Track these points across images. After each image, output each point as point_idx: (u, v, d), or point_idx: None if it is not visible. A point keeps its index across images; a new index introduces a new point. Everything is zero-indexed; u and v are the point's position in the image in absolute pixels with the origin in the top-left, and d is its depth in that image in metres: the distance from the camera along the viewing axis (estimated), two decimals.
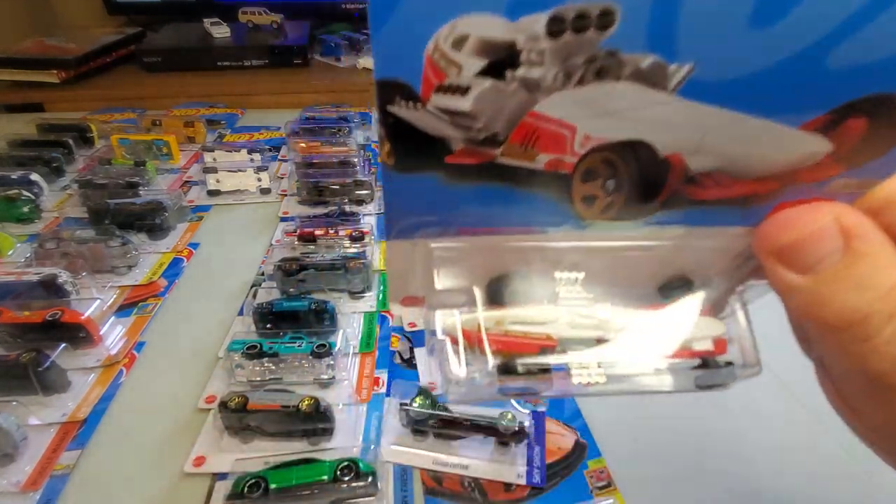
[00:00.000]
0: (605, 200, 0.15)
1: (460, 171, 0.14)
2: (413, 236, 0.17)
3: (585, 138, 0.14)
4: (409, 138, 0.13)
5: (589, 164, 0.14)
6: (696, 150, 0.14)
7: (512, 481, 0.35)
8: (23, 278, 0.47)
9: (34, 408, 0.38)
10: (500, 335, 0.17)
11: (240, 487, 0.32)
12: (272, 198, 0.68)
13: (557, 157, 0.14)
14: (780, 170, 0.14)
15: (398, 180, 0.14)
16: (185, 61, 1.03)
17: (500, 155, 0.14)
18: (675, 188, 0.15)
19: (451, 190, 0.15)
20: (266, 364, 0.40)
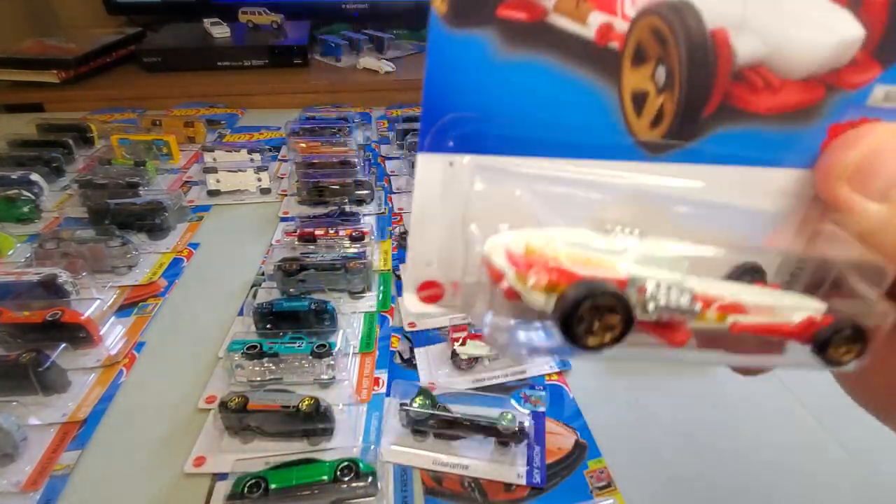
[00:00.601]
0: (655, 102, 0.14)
1: (513, 33, 0.14)
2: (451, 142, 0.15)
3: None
4: None
5: (639, 36, 0.14)
6: (741, 26, 0.14)
7: (512, 481, 0.35)
8: (23, 278, 0.47)
9: (34, 408, 0.38)
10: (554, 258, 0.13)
11: (240, 487, 0.32)
12: (272, 198, 0.68)
13: (608, 20, 0.14)
14: (822, 62, 0.14)
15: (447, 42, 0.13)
16: (185, 61, 1.03)
17: (553, 10, 0.14)
18: (725, 85, 0.14)
19: (502, 66, 0.14)
20: (266, 364, 0.40)
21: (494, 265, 0.13)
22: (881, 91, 0.14)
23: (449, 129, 0.14)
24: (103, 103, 0.94)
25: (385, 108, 0.96)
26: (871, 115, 0.15)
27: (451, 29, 0.13)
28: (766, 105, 0.15)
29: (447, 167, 0.15)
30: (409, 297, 0.17)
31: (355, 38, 1.12)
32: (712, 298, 0.14)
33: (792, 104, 0.15)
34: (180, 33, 1.10)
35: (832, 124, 0.15)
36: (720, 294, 0.14)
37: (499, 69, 0.14)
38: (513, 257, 0.13)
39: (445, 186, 0.15)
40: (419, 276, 0.16)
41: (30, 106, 0.93)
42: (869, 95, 0.15)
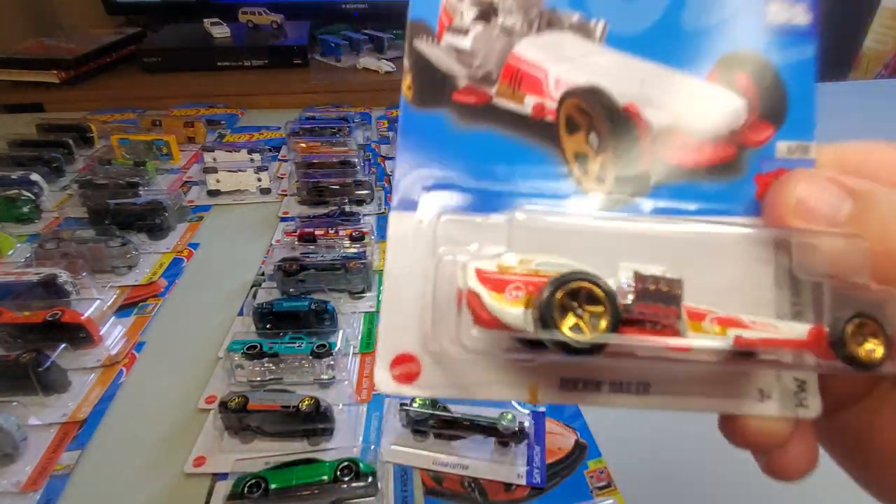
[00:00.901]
0: (596, 161, 0.17)
1: (465, 112, 0.17)
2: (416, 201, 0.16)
3: (556, 81, 0.17)
4: (426, 73, 0.17)
5: (567, 112, 0.17)
6: (647, 102, 0.17)
7: (512, 481, 0.35)
8: (23, 278, 0.47)
9: (34, 408, 0.38)
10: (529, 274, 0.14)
11: (240, 487, 0.32)
12: (272, 198, 0.68)
13: (540, 101, 0.17)
14: (722, 126, 0.17)
15: (415, 116, 0.16)
16: (185, 61, 1.03)
17: (495, 94, 0.17)
18: (651, 149, 0.17)
19: (460, 136, 0.16)
20: (266, 364, 0.40)
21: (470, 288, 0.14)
22: (783, 146, 0.17)
23: (417, 189, 0.16)
24: (103, 103, 0.94)
25: (385, 108, 0.96)
26: (784, 165, 0.17)
27: (416, 109, 0.17)
28: (692, 160, 0.17)
29: (418, 225, 0.16)
30: (381, 374, 0.15)
31: (355, 38, 1.12)
32: (705, 311, 0.14)
33: (713, 160, 0.17)
34: (180, 33, 1.10)
35: (756, 174, 0.17)
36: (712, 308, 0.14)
37: (458, 137, 0.17)
38: (484, 277, 0.14)
39: (417, 243, 0.16)
40: (393, 347, 0.16)
41: (30, 106, 0.93)
42: (774, 150, 0.17)
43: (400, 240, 0.16)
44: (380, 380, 0.15)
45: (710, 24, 0.17)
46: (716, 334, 0.14)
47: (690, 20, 0.17)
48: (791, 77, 0.17)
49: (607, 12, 0.17)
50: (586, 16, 0.17)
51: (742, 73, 0.17)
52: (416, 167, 0.16)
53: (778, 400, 0.16)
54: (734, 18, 0.17)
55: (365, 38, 1.13)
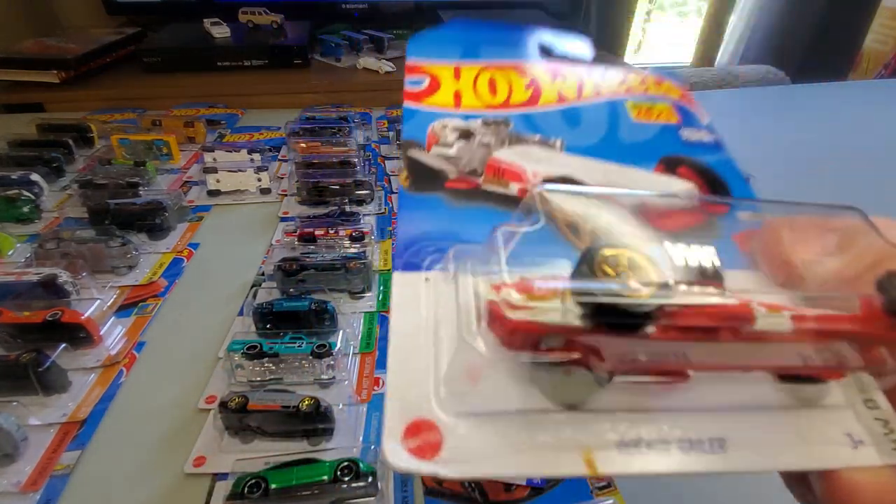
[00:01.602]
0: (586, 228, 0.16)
1: (457, 194, 0.19)
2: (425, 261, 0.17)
3: (534, 174, 0.20)
4: (420, 170, 0.20)
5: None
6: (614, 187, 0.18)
7: (512, 481, 0.35)
8: (23, 278, 0.47)
9: (34, 408, 0.38)
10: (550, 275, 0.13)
11: (240, 487, 0.32)
12: (272, 198, 0.68)
13: (523, 186, 0.19)
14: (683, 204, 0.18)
15: (412, 198, 0.19)
16: (185, 61, 1.03)
17: (483, 183, 0.20)
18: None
19: (454, 210, 0.19)
20: (266, 364, 0.40)
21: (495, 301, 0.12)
22: (743, 214, 0.18)
23: (420, 252, 0.17)
24: (103, 103, 0.94)
25: (385, 108, 0.96)
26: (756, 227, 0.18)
27: (414, 193, 0.19)
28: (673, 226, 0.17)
29: (424, 282, 0.16)
30: (391, 447, 0.12)
31: (355, 38, 1.12)
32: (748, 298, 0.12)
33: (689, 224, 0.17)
34: (180, 33, 1.10)
35: (734, 234, 0.17)
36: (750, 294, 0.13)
37: (453, 212, 0.19)
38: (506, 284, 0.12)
39: (426, 300, 0.15)
40: (406, 415, 0.13)
41: (30, 106, 0.93)
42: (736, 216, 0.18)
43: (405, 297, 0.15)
44: (392, 455, 0.13)
45: (643, 140, 0.21)
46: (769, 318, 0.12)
47: (627, 137, 0.21)
48: (722, 168, 0.20)
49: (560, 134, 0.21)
50: (545, 136, 0.21)
51: (683, 167, 0.20)
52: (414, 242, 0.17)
53: (873, 444, 0.14)
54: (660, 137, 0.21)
55: (365, 38, 1.13)
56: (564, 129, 0.21)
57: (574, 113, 0.22)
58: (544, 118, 0.22)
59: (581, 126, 0.22)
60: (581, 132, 0.21)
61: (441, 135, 0.21)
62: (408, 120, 0.21)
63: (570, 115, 0.22)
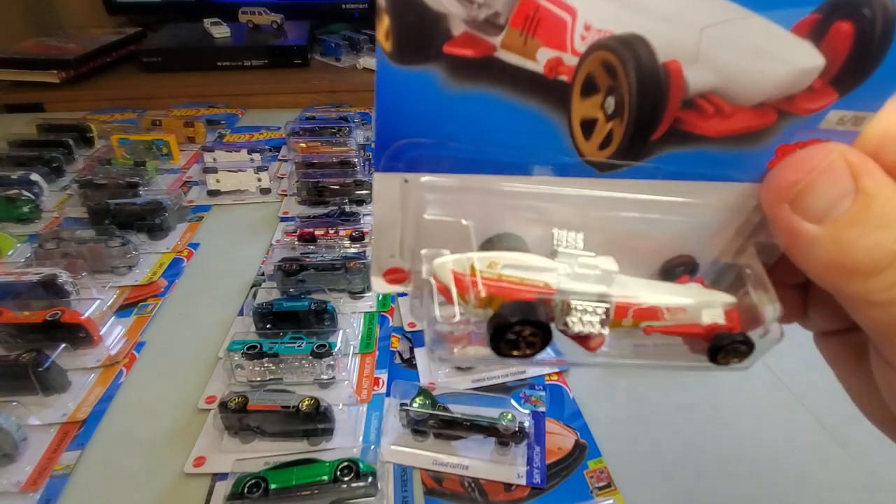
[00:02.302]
0: (604, 128, 0.15)
1: (460, 68, 0.14)
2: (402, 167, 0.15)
3: (586, 28, 0.13)
4: (409, 13, 0.13)
5: (590, 69, 0.14)
6: (695, 59, 0.14)
7: (512, 481, 0.35)
8: (23, 278, 0.47)
9: (34, 408, 0.38)
10: (493, 279, 0.15)
11: (240, 487, 0.32)
12: (272, 198, 0.68)
13: (557, 55, 0.14)
14: (777, 92, 0.14)
15: (395, 76, 0.13)
16: (185, 61, 1.03)
17: (500, 46, 0.13)
18: (675, 112, 0.14)
19: (451, 98, 0.14)
20: (266, 364, 0.40)
21: (441, 282, 0.15)
22: (835, 115, 0.14)
23: (402, 153, 0.15)
24: (103, 103, 0.94)
25: None
26: (822, 136, 0.15)
27: (397, 65, 0.13)
28: (716, 129, 0.15)
29: (402, 184, 0.16)
30: (375, 280, 0.18)
31: (355, 38, 1.12)
32: (629, 305, 0.16)
33: (742, 128, 0.15)
34: (180, 33, 1.10)
35: (781, 144, 0.15)
36: (638, 300, 0.16)
37: (448, 100, 0.14)
38: (457, 277, 0.15)
39: (402, 199, 0.16)
40: (383, 266, 0.18)
41: (30, 106, 0.93)
42: (822, 119, 0.15)
43: (385, 196, 0.16)
44: (375, 284, 0.18)
45: None
46: (630, 328, 0.16)
47: None
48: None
49: None
50: None
51: (845, 21, 0.13)
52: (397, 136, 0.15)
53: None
54: None
55: (365, 38, 1.13)
56: None
57: None
58: None
59: None
60: None
61: None
62: None
63: None
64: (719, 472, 0.37)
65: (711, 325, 0.16)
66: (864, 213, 0.13)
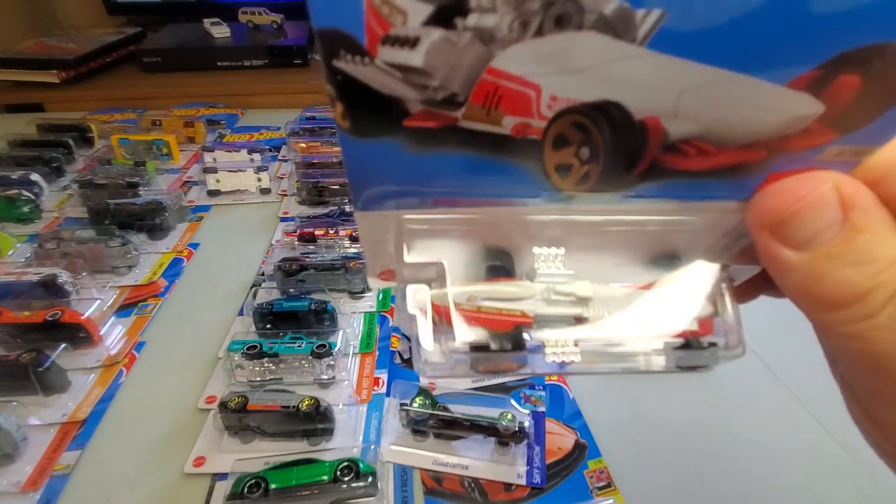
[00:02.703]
0: (580, 170, 0.14)
1: (422, 136, 0.13)
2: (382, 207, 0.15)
3: (552, 99, 0.13)
4: (362, 98, 0.12)
5: (559, 129, 0.13)
6: (674, 114, 0.13)
7: (512, 481, 0.35)
8: (23, 278, 0.47)
9: (34, 408, 0.38)
10: (471, 311, 0.16)
11: (240, 487, 0.32)
12: (272, 198, 0.68)
13: (524, 122, 0.13)
14: (768, 136, 0.13)
15: (358, 146, 0.13)
16: (185, 61, 1.03)
17: (463, 118, 0.13)
18: (655, 156, 0.14)
19: (417, 158, 0.13)
20: (266, 364, 0.40)
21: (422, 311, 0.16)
22: (834, 150, 0.14)
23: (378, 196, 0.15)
24: (103, 103, 0.94)
25: None
26: (819, 166, 0.14)
27: (358, 139, 0.13)
28: (699, 166, 0.14)
29: (383, 218, 0.16)
30: (371, 279, 0.20)
31: None
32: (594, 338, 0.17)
33: (728, 164, 0.14)
34: (180, 33, 1.10)
35: (772, 172, 0.14)
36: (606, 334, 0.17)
37: (415, 160, 0.14)
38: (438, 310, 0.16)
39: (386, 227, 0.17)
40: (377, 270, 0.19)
41: (30, 106, 0.93)
42: (820, 154, 0.14)
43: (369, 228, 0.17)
44: (371, 282, 0.20)
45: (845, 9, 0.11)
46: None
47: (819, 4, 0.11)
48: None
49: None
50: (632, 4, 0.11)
51: (852, 74, 0.12)
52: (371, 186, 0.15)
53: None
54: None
55: None
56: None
57: None
58: None
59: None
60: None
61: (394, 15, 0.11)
62: None
63: None
64: (719, 473, 0.37)
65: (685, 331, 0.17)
66: (844, 247, 0.13)
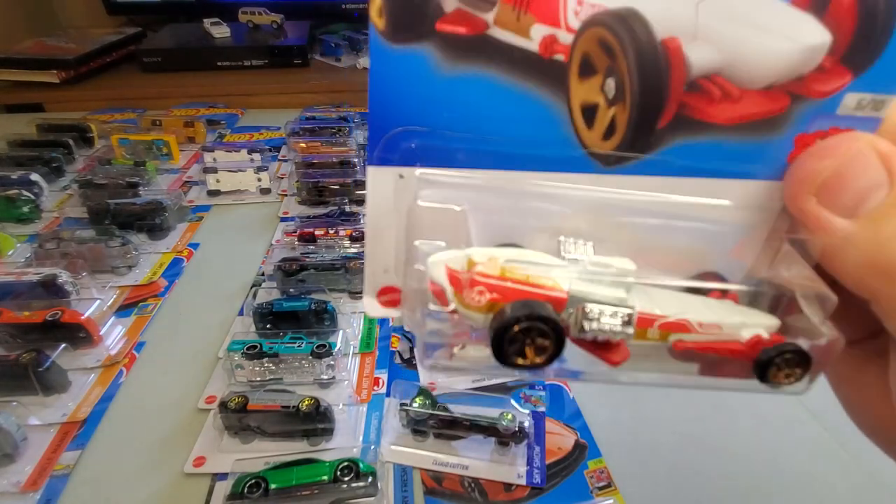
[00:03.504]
0: (606, 114, 0.14)
1: (454, 47, 0.13)
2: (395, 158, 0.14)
3: (578, 2, 0.13)
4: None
5: (586, 47, 0.13)
6: (694, 35, 0.13)
7: (512, 481, 0.35)
8: (23, 278, 0.47)
9: (34, 408, 0.38)
10: (494, 276, 0.13)
11: (240, 487, 0.32)
12: (272, 198, 0.68)
13: (552, 32, 0.13)
14: (786, 70, 0.13)
15: (388, 57, 0.13)
16: (185, 61, 1.03)
17: (493, 23, 0.13)
18: (680, 96, 0.14)
19: (444, 80, 0.13)
20: (266, 364, 0.40)
21: (435, 282, 0.13)
22: (853, 99, 0.13)
23: (397, 143, 0.14)
24: (103, 103, 0.94)
25: None
26: (842, 124, 0.14)
27: (391, 44, 0.13)
28: (726, 116, 0.14)
29: (397, 179, 0.15)
30: (368, 301, 0.17)
31: (355, 38, 1.12)
32: (654, 317, 0.14)
33: (754, 114, 0.14)
34: (180, 33, 1.10)
35: (799, 134, 0.14)
36: (664, 311, 0.14)
37: (443, 83, 0.13)
38: (453, 275, 0.13)
39: (397, 197, 0.15)
40: (377, 283, 0.17)
41: (30, 106, 0.93)
42: (839, 104, 0.14)
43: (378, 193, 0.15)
44: (368, 306, 0.16)
45: None
46: (656, 340, 0.14)
47: None
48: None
49: None
50: None
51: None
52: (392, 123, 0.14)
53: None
54: None
55: (365, 38, 1.13)
56: None
57: None
58: None
59: None
60: None
61: None
62: None
63: None
64: (719, 472, 0.37)
65: (754, 338, 0.14)
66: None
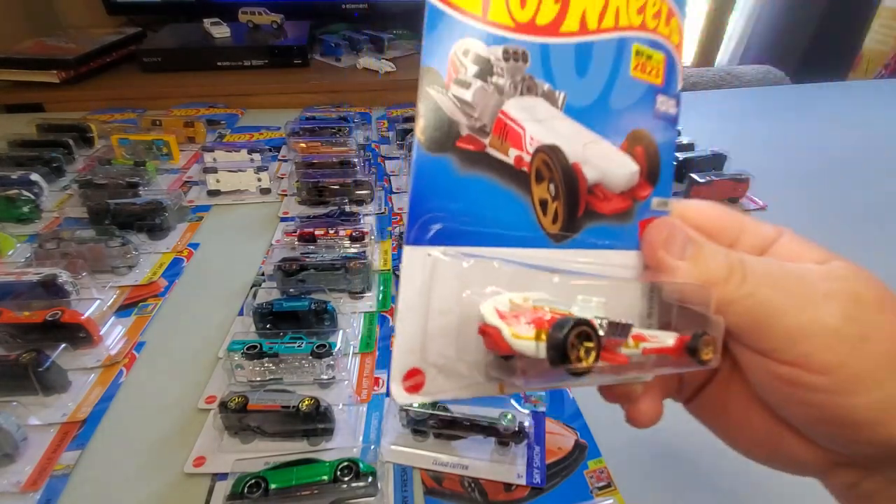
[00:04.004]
0: (552, 207, 0.21)
1: (466, 157, 0.20)
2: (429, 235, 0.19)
3: (531, 139, 0.21)
4: (436, 118, 0.19)
5: (537, 165, 0.21)
6: (584, 161, 0.22)
7: (512, 481, 0.35)
8: (23, 278, 0.47)
9: (34, 408, 0.38)
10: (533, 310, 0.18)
11: (240, 487, 0.32)
12: (272, 198, 0.68)
13: (519, 154, 0.21)
14: (626, 183, 0.23)
15: (425, 161, 0.19)
16: (185, 61, 1.03)
17: (489, 145, 0.20)
18: (585, 197, 0.22)
19: (461, 180, 0.20)
20: (266, 364, 0.40)
21: (489, 323, 0.18)
22: (656, 200, 0.24)
23: (427, 226, 0.19)
24: (103, 103, 0.94)
25: (385, 108, 0.96)
26: (655, 215, 0.24)
27: (427, 153, 0.19)
28: (607, 209, 0.23)
29: (426, 258, 0.19)
30: (396, 387, 0.19)
31: (355, 38, 1.12)
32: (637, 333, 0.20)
33: (620, 209, 0.23)
34: (180, 33, 1.10)
35: (641, 220, 0.24)
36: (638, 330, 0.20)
37: (459, 181, 0.20)
38: (502, 314, 0.18)
39: (425, 278, 0.19)
40: (405, 365, 0.19)
41: (30, 106, 0.93)
42: (650, 203, 0.24)
43: (412, 272, 0.19)
44: (395, 392, 0.19)
45: (627, 106, 0.23)
46: (633, 348, 0.20)
47: (616, 100, 0.22)
48: (663, 152, 0.24)
49: (567, 82, 0.21)
50: (553, 86, 0.21)
51: (639, 147, 0.23)
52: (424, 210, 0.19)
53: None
54: (640, 104, 0.23)
55: (365, 38, 1.13)
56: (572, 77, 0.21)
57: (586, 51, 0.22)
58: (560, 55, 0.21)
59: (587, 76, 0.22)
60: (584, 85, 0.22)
61: (460, 67, 0.19)
62: (432, 29, 0.18)
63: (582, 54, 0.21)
64: (719, 472, 0.37)
65: (678, 339, 0.21)
66: (700, 252, 0.22)
